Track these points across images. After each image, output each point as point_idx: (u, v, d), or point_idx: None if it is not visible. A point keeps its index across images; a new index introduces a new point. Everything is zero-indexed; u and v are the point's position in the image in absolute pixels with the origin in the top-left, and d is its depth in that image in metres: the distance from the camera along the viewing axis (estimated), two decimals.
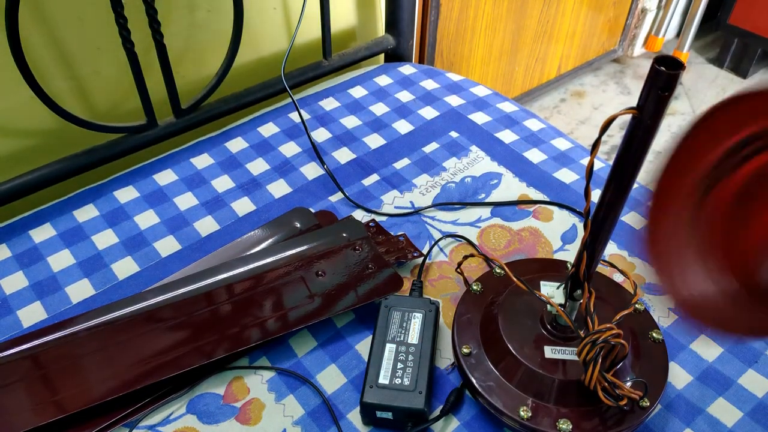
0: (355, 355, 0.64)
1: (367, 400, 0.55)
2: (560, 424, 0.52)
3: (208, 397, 0.61)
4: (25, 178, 0.79)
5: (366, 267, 0.68)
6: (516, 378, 0.55)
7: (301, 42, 1.05)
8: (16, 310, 0.69)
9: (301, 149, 0.89)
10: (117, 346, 0.62)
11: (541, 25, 1.65)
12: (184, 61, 0.94)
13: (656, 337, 0.58)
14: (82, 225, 0.78)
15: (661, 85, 0.39)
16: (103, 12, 0.80)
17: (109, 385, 0.58)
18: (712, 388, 0.61)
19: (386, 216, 0.78)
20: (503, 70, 1.67)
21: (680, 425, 0.58)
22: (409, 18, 1.05)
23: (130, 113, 0.91)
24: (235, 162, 0.87)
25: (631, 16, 1.90)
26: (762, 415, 0.59)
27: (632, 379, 0.54)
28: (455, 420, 0.58)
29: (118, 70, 0.87)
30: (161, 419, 0.59)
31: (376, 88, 1.00)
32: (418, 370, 0.57)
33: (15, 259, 0.74)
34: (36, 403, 0.58)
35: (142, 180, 0.84)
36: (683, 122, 1.87)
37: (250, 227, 0.78)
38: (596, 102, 1.94)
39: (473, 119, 0.95)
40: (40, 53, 0.79)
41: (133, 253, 0.75)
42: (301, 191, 0.82)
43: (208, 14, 0.92)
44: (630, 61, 2.10)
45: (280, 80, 0.93)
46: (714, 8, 1.99)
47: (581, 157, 0.88)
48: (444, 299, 0.69)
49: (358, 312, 0.67)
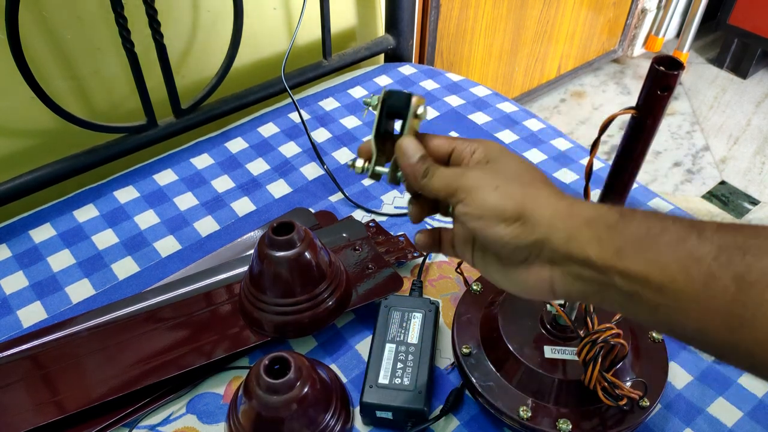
0: (355, 355, 0.64)
1: (367, 400, 0.55)
2: (560, 424, 0.52)
3: (208, 397, 0.61)
4: (25, 178, 0.79)
5: (366, 267, 0.68)
6: (516, 378, 0.55)
7: (301, 42, 1.05)
8: (16, 310, 0.69)
9: (301, 149, 0.89)
10: (117, 346, 0.62)
11: (541, 25, 1.65)
12: (184, 61, 0.94)
13: (656, 337, 0.58)
14: (82, 225, 0.78)
15: (660, 85, 0.39)
16: (103, 12, 0.80)
17: (109, 385, 0.58)
18: (712, 388, 0.61)
19: (386, 216, 0.78)
20: (503, 70, 1.67)
21: (680, 425, 0.58)
22: (409, 18, 1.05)
23: (130, 113, 0.91)
24: (235, 162, 0.87)
25: (631, 16, 1.90)
26: (762, 415, 0.59)
27: (632, 379, 0.54)
28: (455, 420, 0.58)
29: (118, 70, 0.87)
30: (161, 419, 0.59)
31: (376, 88, 1.00)
32: (418, 370, 0.57)
33: (15, 259, 0.74)
34: (36, 403, 0.58)
35: (142, 180, 0.84)
36: (683, 122, 1.87)
37: (250, 227, 0.78)
38: (596, 102, 1.94)
39: (473, 119, 0.95)
40: (40, 53, 0.79)
41: (133, 253, 0.75)
42: (301, 191, 0.82)
43: (208, 14, 0.92)
44: (630, 61, 2.10)
45: (280, 80, 0.93)
46: (714, 8, 1.99)
47: (581, 157, 0.88)
48: (444, 299, 0.69)
49: (358, 312, 0.67)
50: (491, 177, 0.39)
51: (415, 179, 0.41)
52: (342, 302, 0.63)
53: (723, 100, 1.96)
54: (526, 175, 0.40)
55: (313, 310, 0.61)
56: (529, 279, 0.39)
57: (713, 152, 1.77)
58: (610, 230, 0.35)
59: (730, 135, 1.83)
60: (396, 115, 0.43)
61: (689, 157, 1.76)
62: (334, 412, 0.55)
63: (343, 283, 0.64)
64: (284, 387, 0.51)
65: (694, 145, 1.80)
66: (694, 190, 1.66)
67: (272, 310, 0.61)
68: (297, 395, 0.51)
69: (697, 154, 1.77)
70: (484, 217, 0.38)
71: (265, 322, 0.62)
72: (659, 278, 0.33)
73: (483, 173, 0.40)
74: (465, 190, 0.39)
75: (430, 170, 0.41)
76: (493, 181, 0.38)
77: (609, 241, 0.35)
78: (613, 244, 0.35)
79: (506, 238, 0.37)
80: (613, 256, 0.35)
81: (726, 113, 1.90)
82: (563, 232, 0.36)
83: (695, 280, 0.32)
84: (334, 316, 0.63)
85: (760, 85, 2.01)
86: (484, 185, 0.38)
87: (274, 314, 0.61)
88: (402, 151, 0.42)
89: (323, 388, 0.55)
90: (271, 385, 0.50)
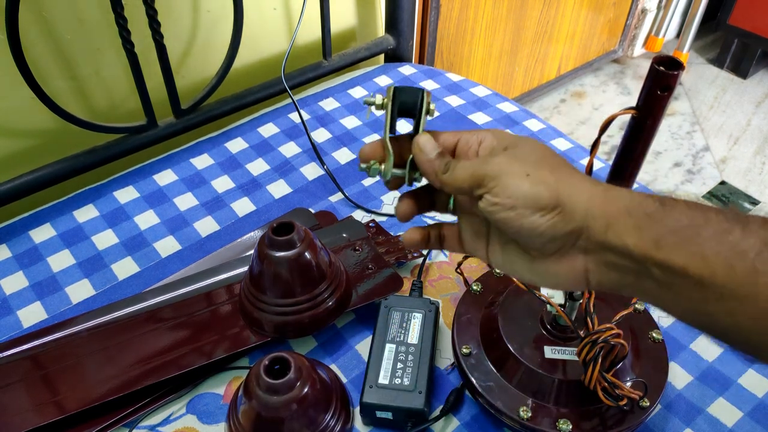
0: (355, 356, 0.64)
1: (367, 400, 0.55)
2: (560, 424, 0.52)
3: (208, 397, 0.61)
4: (25, 178, 0.79)
5: (366, 267, 0.68)
6: (516, 378, 0.55)
7: (301, 42, 1.05)
8: (16, 310, 0.69)
9: (301, 149, 0.89)
10: (117, 346, 0.62)
11: (541, 25, 1.65)
12: (184, 61, 0.94)
13: (656, 337, 0.58)
14: (82, 225, 0.78)
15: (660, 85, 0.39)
16: (103, 12, 0.80)
17: (109, 386, 0.58)
18: (712, 388, 0.61)
19: (386, 216, 0.78)
20: (503, 70, 1.67)
21: (680, 425, 0.58)
22: (409, 18, 1.05)
23: (130, 113, 0.91)
24: (235, 162, 0.87)
25: (631, 16, 1.90)
26: (762, 415, 0.59)
27: (632, 379, 0.54)
28: (455, 420, 0.58)
29: (118, 71, 0.87)
30: (161, 419, 0.59)
31: (376, 88, 1.00)
32: (418, 370, 0.57)
33: (15, 259, 0.74)
34: (36, 404, 0.58)
35: (142, 180, 0.84)
36: (683, 122, 1.87)
37: (250, 227, 0.78)
38: (596, 102, 1.94)
39: (473, 119, 0.95)
40: (40, 53, 0.79)
41: (133, 253, 0.75)
42: (301, 191, 0.82)
43: (208, 14, 0.92)
44: (630, 61, 2.09)
45: (280, 80, 0.93)
46: (714, 8, 1.99)
47: (581, 157, 0.88)
48: (444, 299, 0.69)
49: (358, 312, 0.67)
50: (518, 164, 0.36)
51: (435, 175, 0.39)
52: (342, 302, 0.63)
53: (723, 100, 1.96)
54: (552, 159, 0.37)
55: (313, 311, 0.61)
56: (562, 270, 0.37)
57: (713, 152, 1.77)
58: (649, 219, 0.34)
59: (730, 135, 1.83)
60: (406, 112, 0.41)
61: (689, 157, 1.76)
62: (334, 412, 0.55)
63: (343, 284, 0.64)
64: (284, 387, 0.51)
65: (695, 145, 1.80)
66: (695, 190, 1.66)
67: (272, 310, 0.61)
68: (297, 395, 0.51)
69: (697, 154, 1.77)
70: (517, 206, 0.35)
71: (265, 322, 0.62)
72: (699, 271, 0.32)
73: (508, 159, 0.37)
74: (493, 178, 0.36)
75: (451, 164, 0.38)
76: (522, 168, 0.36)
77: (648, 230, 0.33)
78: (652, 233, 0.33)
79: (542, 228, 0.35)
80: (651, 245, 0.33)
81: (726, 113, 1.90)
82: (602, 219, 0.34)
83: (737, 275, 0.31)
84: (334, 316, 0.63)
85: (760, 85, 2.01)
86: (512, 172, 0.36)
87: (274, 314, 0.61)
88: (420, 148, 0.40)
89: (323, 388, 0.55)
90: (271, 385, 0.50)
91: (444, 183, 0.39)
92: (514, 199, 0.35)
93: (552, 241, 0.36)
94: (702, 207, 0.34)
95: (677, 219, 0.33)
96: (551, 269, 0.37)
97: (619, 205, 0.35)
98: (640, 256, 0.34)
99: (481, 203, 0.37)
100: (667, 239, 0.33)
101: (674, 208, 0.34)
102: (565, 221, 0.35)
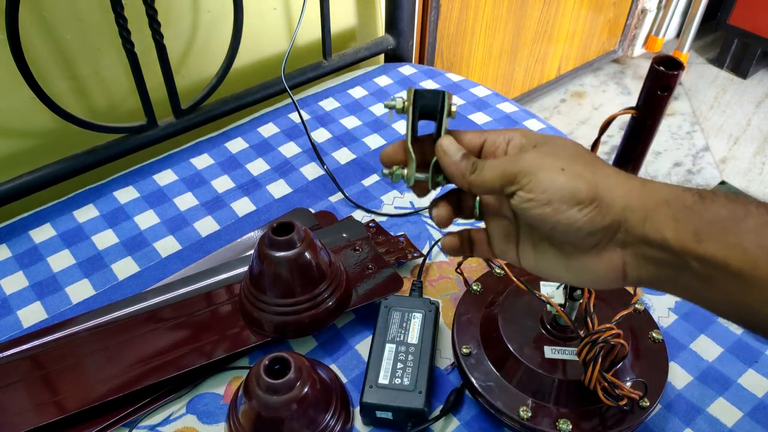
0: (354, 356, 0.64)
1: (367, 400, 0.55)
2: (560, 424, 0.52)
3: (208, 397, 0.61)
4: (25, 178, 0.79)
5: (366, 267, 0.68)
6: (516, 378, 0.55)
7: (301, 42, 1.05)
8: (16, 310, 0.69)
9: (301, 149, 0.89)
10: (117, 346, 0.62)
11: (541, 25, 1.65)
12: (184, 61, 0.94)
13: (656, 337, 0.58)
14: (82, 225, 0.78)
15: (660, 85, 0.39)
16: (103, 12, 0.80)
17: (109, 386, 0.58)
18: (712, 388, 0.61)
19: (386, 216, 0.78)
20: (503, 70, 1.67)
21: (680, 425, 0.58)
22: (409, 18, 1.05)
23: (130, 113, 0.91)
24: (235, 162, 0.87)
25: (631, 16, 1.90)
26: (762, 415, 0.59)
27: (632, 379, 0.54)
28: (455, 420, 0.58)
29: (118, 71, 0.87)
30: (161, 419, 0.59)
31: (376, 88, 1.00)
32: (418, 370, 0.57)
33: (15, 259, 0.74)
34: (36, 403, 0.58)
35: (142, 180, 0.84)
36: (683, 122, 1.87)
37: (250, 227, 0.78)
38: (596, 102, 1.94)
39: (473, 119, 0.95)
40: (40, 53, 0.79)
41: (133, 253, 0.75)
42: (301, 191, 0.82)
43: (208, 14, 0.92)
44: (630, 61, 2.10)
45: (280, 80, 0.93)
46: (714, 8, 1.99)
47: None
48: (444, 299, 0.69)
49: (358, 312, 0.67)
50: (551, 159, 0.35)
51: (462, 178, 0.38)
52: (342, 302, 0.63)
53: (723, 100, 1.96)
54: (585, 155, 0.37)
55: (313, 311, 0.61)
56: (600, 266, 0.36)
57: (713, 152, 1.77)
58: (687, 211, 0.33)
59: (730, 135, 1.83)
60: (427, 115, 0.41)
61: (689, 157, 1.76)
62: (334, 412, 0.55)
63: (343, 284, 0.64)
64: (284, 387, 0.51)
65: (695, 145, 1.80)
66: None
67: (272, 310, 0.61)
68: (297, 395, 0.51)
69: (697, 154, 1.77)
70: (553, 201, 0.34)
71: (265, 322, 0.62)
72: (740, 264, 0.31)
73: (540, 155, 0.36)
74: (526, 174, 0.35)
75: (478, 164, 0.38)
76: (556, 163, 0.35)
77: (687, 223, 0.33)
78: (692, 225, 0.33)
79: (580, 223, 0.34)
80: (691, 238, 0.33)
81: (726, 113, 1.90)
82: (640, 212, 0.34)
83: None
84: (334, 316, 0.63)
85: (760, 85, 2.01)
86: (547, 167, 0.35)
87: (274, 314, 0.61)
88: (444, 151, 0.39)
89: (323, 388, 0.55)
90: (271, 385, 0.50)
91: (472, 184, 0.38)
92: (549, 194, 0.35)
93: (590, 236, 0.35)
94: (742, 200, 0.33)
95: (717, 211, 0.33)
96: (589, 265, 0.37)
97: (658, 198, 0.34)
98: (679, 249, 0.33)
99: (514, 200, 0.36)
100: (707, 231, 0.32)
101: (714, 201, 0.33)
102: (602, 215, 0.34)
